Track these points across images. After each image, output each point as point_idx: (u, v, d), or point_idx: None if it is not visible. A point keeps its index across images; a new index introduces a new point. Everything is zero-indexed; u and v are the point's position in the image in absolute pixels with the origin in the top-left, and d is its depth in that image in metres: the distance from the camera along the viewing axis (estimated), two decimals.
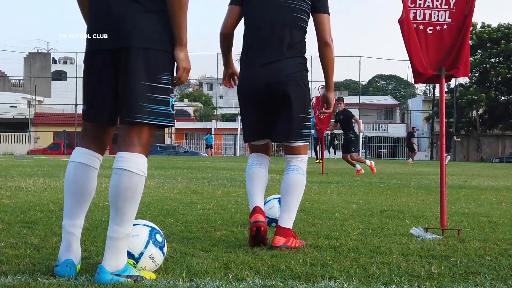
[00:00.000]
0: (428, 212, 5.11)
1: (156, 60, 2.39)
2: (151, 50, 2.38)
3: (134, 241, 2.52)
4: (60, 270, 2.40)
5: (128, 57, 2.36)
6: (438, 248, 3.24)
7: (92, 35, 2.47)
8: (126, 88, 2.37)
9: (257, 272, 2.58)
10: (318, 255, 2.97)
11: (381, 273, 2.59)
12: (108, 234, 2.36)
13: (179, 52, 2.43)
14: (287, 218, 3.23)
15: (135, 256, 2.52)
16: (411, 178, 11.56)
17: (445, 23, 3.77)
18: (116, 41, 2.38)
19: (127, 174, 2.33)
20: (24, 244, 3.15)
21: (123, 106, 2.39)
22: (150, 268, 2.55)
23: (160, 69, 2.40)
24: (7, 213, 4.46)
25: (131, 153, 2.37)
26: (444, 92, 3.81)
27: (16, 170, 11.84)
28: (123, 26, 2.37)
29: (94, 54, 2.47)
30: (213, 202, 5.68)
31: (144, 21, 2.38)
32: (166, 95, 2.42)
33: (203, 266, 2.66)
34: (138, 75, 2.35)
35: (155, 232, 2.63)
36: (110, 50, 2.41)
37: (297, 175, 3.33)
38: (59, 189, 6.96)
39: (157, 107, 2.39)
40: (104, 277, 2.31)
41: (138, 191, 2.37)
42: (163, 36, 2.42)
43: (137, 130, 2.39)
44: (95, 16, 2.48)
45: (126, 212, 2.35)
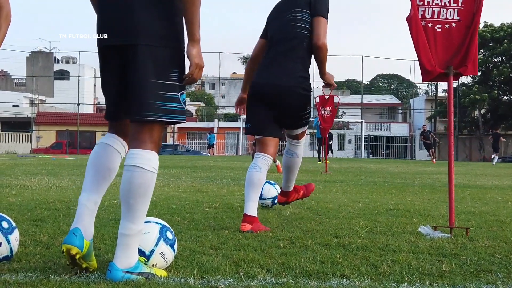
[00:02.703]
0: (434, 211, 5.11)
1: (165, 57, 2.38)
2: (159, 47, 2.37)
3: (145, 239, 2.52)
4: (66, 238, 2.33)
5: (136, 55, 2.35)
6: (447, 246, 3.23)
7: (100, 31, 2.46)
8: (135, 86, 2.37)
9: (267, 270, 2.58)
10: (328, 253, 2.97)
11: (392, 271, 2.58)
12: (119, 231, 2.35)
13: (192, 48, 2.41)
14: (287, 186, 4.36)
15: (146, 253, 2.52)
16: (415, 177, 11.54)
17: (454, 21, 3.76)
18: (123, 38, 2.37)
19: (139, 171, 2.33)
20: (33, 242, 3.15)
21: (133, 104, 2.38)
22: (161, 266, 2.54)
23: (169, 66, 2.39)
24: (14, 211, 4.46)
25: (143, 150, 2.37)
26: (453, 90, 3.80)
27: (20, 169, 11.86)
28: (130, 22, 2.36)
29: (103, 50, 2.47)
30: (218, 201, 5.68)
31: (152, 17, 2.37)
32: (176, 92, 2.41)
33: (213, 264, 2.65)
34: (146, 72, 2.34)
35: (165, 230, 2.63)
36: (118, 46, 2.40)
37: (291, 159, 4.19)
38: (64, 188, 6.97)
39: (167, 104, 2.38)
40: (116, 274, 2.31)
41: (150, 188, 2.37)
42: (171, 32, 2.41)
43: (148, 127, 2.39)
44: (103, 12, 2.47)
45: (138, 208, 2.34)
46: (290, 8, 3.79)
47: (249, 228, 3.63)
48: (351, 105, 46.95)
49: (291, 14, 3.76)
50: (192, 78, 2.43)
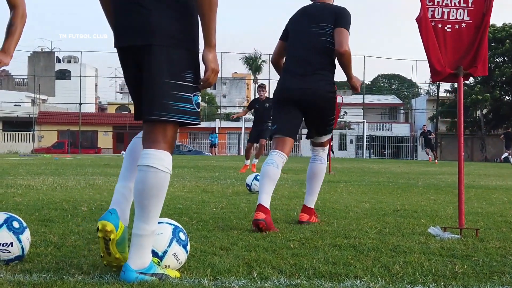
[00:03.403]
0: (442, 212, 5.10)
1: (179, 58, 2.38)
2: (174, 48, 2.37)
3: (158, 239, 2.51)
4: (102, 216, 2.37)
5: (151, 55, 2.36)
6: (458, 247, 3.22)
7: (116, 32, 2.47)
8: (149, 86, 2.37)
9: (280, 271, 2.57)
10: (339, 254, 2.96)
11: (405, 273, 2.58)
12: (133, 232, 2.35)
13: (208, 53, 2.42)
14: (311, 200, 4.21)
15: (159, 254, 2.52)
16: (418, 177, 11.53)
17: (464, 22, 3.75)
18: (139, 39, 2.38)
19: (153, 171, 2.33)
20: (43, 242, 3.15)
21: (147, 104, 2.39)
22: (174, 266, 2.54)
23: (183, 67, 2.39)
24: (22, 211, 4.46)
25: (157, 150, 2.37)
26: (462, 91, 3.79)
27: (23, 169, 11.86)
28: (145, 23, 2.37)
29: (120, 51, 2.49)
30: (225, 201, 5.67)
31: (167, 18, 2.37)
32: (190, 93, 2.41)
33: (225, 265, 2.65)
34: (161, 73, 2.35)
35: (178, 231, 2.62)
36: (133, 47, 2.41)
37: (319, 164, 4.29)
38: (69, 188, 6.97)
39: (182, 105, 2.38)
40: (130, 275, 2.30)
41: (164, 188, 2.37)
42: (186, 34, 2.41)
43: (162, 127, 2.39)
44: (118, 13, 2.47)
45: (152, 209, 2.34)
46: (318, 21, 4.01)
47: (263, 217, 3.69)
48: (353, 105, 46.90)
49: (320, 28, 3.99)
50: (208, 83, 2.44)
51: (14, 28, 2.96)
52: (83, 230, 3.59)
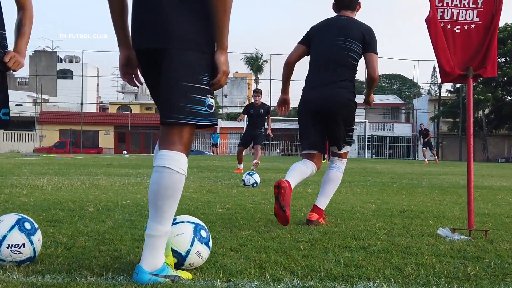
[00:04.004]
0: (448, 213, 5.09)
1: (196, 61, 2.40)
2: (191, 51, 2.38)
3: (179, 240, 2.54)
4: None
5: (168, 58, 2.37)
6: (468, 249, 3.21)
7: (134, 35, 2.48)
8: (166, 89, 2.39)
9: (292, 273, 2.57)
10: (350, 256, 2.96)
11: (417, 275, 2.57)
12: (147, 232, 2.35)
13: (220, 55, 2.44)
14: (323, 202, 4.26)
15: (182, 254, 2.54)
16: (422, 178, 11.53)
17: (473, 22, 3.74)
18: (157, 42, 2.39)
19: (168, 172, 2.34)
20: (53, 243, 3.15)
21: (165, 107, 2.40)
22: (197, 264, 2.58)
23: (199, 70, 2.40)
24: (29, 212, 4.45)
25: (172, 151, 2.37)
26: (471, 92, 3.78)
27: (27, 169, 11.86)
28: (163, 26, 2.38)
29: (139, 54, 2.51)
30: (230, 201, 5.67)
31: (186, 22, 2.38)
32: (204, 96, 2.42)
33: (237, 266, 2.64)
34: (179, 76, 2.36)
35: (199, 228, 2.65)
36: (151, 50, 2.42)
37: (336, 172, 4.40)
38: (74, 188, 6.97)
39: (198, 108, 2.39)
40: (143, 277, 2.30)
41: (178, 189, 2.37)
42: (202, 37, 2.42)
43: (178, 129, 2.40)
44: (136, 16, 2.48)
45: (166, 210, 2.34)
46: (343, 36, 4.18)
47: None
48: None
49: (345, 43, 4.16)
50: (219, 85, 2.46)
51: (25, 29, 2.96)
52: (91, 231, 3.59)
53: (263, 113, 11.62)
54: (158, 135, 2.53)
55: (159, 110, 2.45)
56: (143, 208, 4.95)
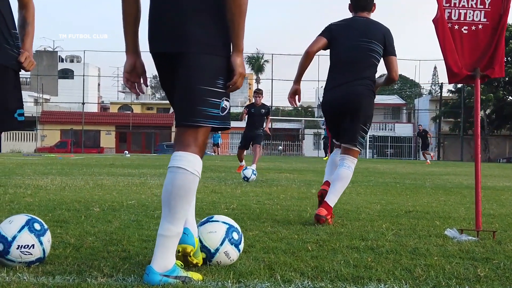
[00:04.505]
0: (454, 213, 5.08)
1: (212, 65, 2.42)
2: (207, 54, 2.41)
3: (211, 237, 2.66)
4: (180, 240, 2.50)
5: (185, 62, 2.40)
6: (477, 250, 3.21)
7: (151, 38, 2.50)
8: (183, 92, 2.41)
9: (301, 274, 2.57)
10: (358, 257, 2.95)
11: (428, 276, 2.57)
12: (159, 232, 2.35)
13: (236, 58, 2.47)
14: (332, 199, 4.27)
15: (211, 251, 2.64)
16: (424, 178, 11.52)
17: (481, 23, 3.73)
18: (173, 46, 2.42)
19: (182, 172, 2.35)
20: (61, 244, 3.14)
21: (181, 109, 2.43)
22: (225, 263, 2.66)
23: (215, 74, 2.43)
24: (34, 212, 4.45)
25: (187, 153, 2.39)
26: (479, 93, 3.78)
27: (30, 168, 11.87)
28: (180, 31, 2.41)
29: (155, 57, 2.53)
30: (235, 202, 5.66)
31: (203, 26, 2.41)
32: (220, 99, 2.45)
33: (247, 267, 2.64)
34: (195, 79, 2.39)
35: (232, 230, 2.72)
36: (168, 54, 2.45)
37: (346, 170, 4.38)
38: (78, 188, 6.97)
39: (212, 110, 2.42)
40: (153, 278, 2.30)
41: (192, 190, 2.38)
42: (218, 41, 2.44)
43: (193, 131, 2.42)
44: (153, 20, 2.51)
45: (179, 210, 2.35)
46: (366, 37, 4.35)
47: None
48: None
49: (368, 44, 4.34)
50: (236, 86, 2.49)
51: (30, 28, 2.95)
52: (99, 231, 3.58)
53: (263, 114, 11.63)
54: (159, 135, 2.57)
55: (175, 113, 2.47)
56: (149, 208, 4.95)
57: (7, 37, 2.68)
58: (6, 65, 2.68)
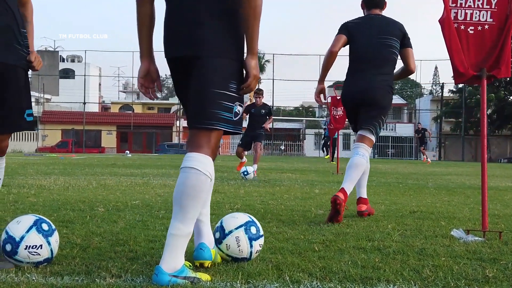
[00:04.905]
0: (458, 213, 5.08)
1: (226, 68, 2.45)
2: (220, 58, 2.44)
3: (230, 221, 2.80)
4: (196, 254, 2.63)
5: (199, 66, 2.43)
6: (484, 250, 3.20)
7: (166, 43, 2.53)
8: (196, 95, 2.44)
9: (309, 274, 2.56)
10: (366, 257, 2.95)
11: (436, 277, 2.56)
12: (169, 232, 2.36)
13: (251, 60, 2.50)
14: (348, 187, 4.39)
15: (225, 231, 2.76)
16: (426, 178, 11.51)
17: (487, 23, 3.73)
18: (188, 50, 2.45)
19: (194, 172, 2.37)
20: (68, 244, 3.14)
21: (194, 112, 2.45)
22: (233, 250, 2.74)
23: (228, 77, 2.46)
24: (39, 212, 4.44)
25: (199, 154, 2.41)
26: (485, 93, 3.77)
27: (32, 168, 11.87)
28: (195, 35, 2.44)
29: (170, 62, 2.56)
30: (239, 202, 5.66)
31: (218, 31, 2.44)
32: (232, 103, 2.47)
33: (254, 268, 2.63)
34: (209, 83, 2.41)
35: (251, 224, 2.82)
36: (182, 58, 2.48)
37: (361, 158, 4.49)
38: (81, 188, 6.97)
39: (226, 114, 2.44)
40: (162, 278, 2.29)
41: (203, 191, 2.39)
42: (231, 45, 2.47)
43: (206, 134, 2.45)
44: (168, 25, 2.53)
45: (190, 210, 2.36)
46: (385, 34, 4.53)
47: (365, 208, 4.56)
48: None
49: (386, 40, 4.52)
50: (250, 89, 2.52)
51: (31, 26, 2.95)
52: (104, 232, 3.58)
53: (264, 114, 11.63)
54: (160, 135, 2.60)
55: (189, 116, 2.49)
56: (153, 208, 4.95)
57: (17, 36, 2.68)
58: (18, 65, 2.68)
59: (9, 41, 2.63)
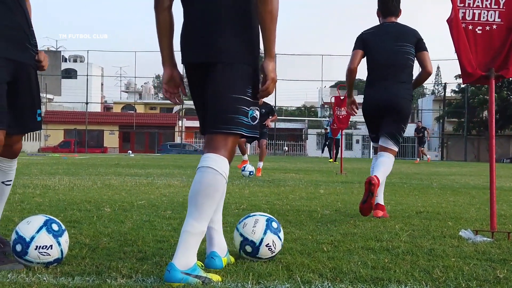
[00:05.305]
0: (465, 214, 5.07)
1: (243, 74, 2.48)
2: (237, 64, 2.47)
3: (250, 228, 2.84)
4: (207, 262, 2.64)
5: (217, 72, 2.46)
6: (493, 251, 3.19)
7: (184, 49, 2.56)
8: (215, 100, 2.46)
9: (320, 275, 2.56)
10: (375, 258, 2.94)
11: (447, 277, 2.55)
12: (183, 229, 2.37)
13: (268, 63, 2.51)
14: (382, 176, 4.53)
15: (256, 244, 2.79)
16: (430, 178, 11.49)
17: (495, 23, 3.72)
18: (206, 56, 2.47)
19: (210, 172, 2.39)
20: (77, 244, 3.14)
21: (212, 117, 2.48)
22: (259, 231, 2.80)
23: (245, 82, 2.49)
24: (46, 212, 4.43)
25: (216, 155, 2.44)
26: (493, 93, 3.76)
27: (36, 168, 11.88)
28: (212, 41, 2.46)
29: (187, 68, 2.58)
30: (245, 202, 5.66)
31: (235, 37, 2.47)
32: (248, 107, 2.50)
33: (264, 268, 2.63)
34: (226, 88, 2.45)
35: (272, 220, 2.90)
36: (199, 63, 2.51)
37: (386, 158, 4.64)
38: (86, 188, 6.97)
39: (242, 118, 2.47)
40: (175, 275, 2.29)
41: (219, 191, 2.41)
42: (247, 50, 2.50)
43: (223, 138, 2.48)
44: (186, 32, 2.55)
45: (205, 209, 2.37)
46: (400, 41, 4.67)
47: (381, 214, 4.66)
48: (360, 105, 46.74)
49: (403, 47, 4.66)
50: (267, 92, 2.54)
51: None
52: (112, 232, 3.58)
53: (265, 113, 11.64)
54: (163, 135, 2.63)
55: (206, 120, 2.51)
56: (159, 208, 4.95)
57: (28, 35, 2.68)
58: (29, 64, 2.68)
59: (21, 40, 2.63)
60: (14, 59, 2.58)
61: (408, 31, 4.73)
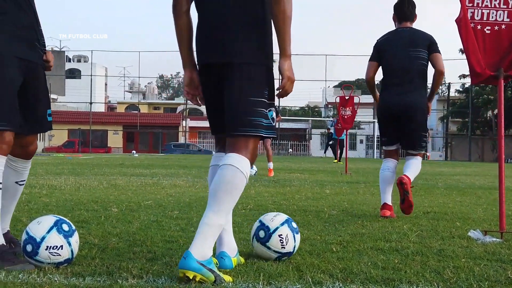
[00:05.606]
0: (472, 214, 5.06)
1: (259, 75, 2.50)
2: (254, 66, 2.48)
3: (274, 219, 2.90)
4: (218, 261, 2.63)
5: (233, 73, 2.47)
6: (503, 252, 3.18)
7: (200, 50, 2.57)
8: (234, 104, 2.48)
9: (330, 275, 2.55)
10: (385, 258, 2.93)
11: (458, 278, 2.54)
12: (202, 221, 2.39)
13: (284, 62, 2.51)
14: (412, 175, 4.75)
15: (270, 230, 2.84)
16: (436, 178, 11.47)
17: (504, 23, 3.70)
18: (221, 57, 2.48)
19: (232, 169, 2.41)
20: (86, 244, 3.14)
21: (231, 120, 2.49)
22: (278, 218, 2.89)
23: (262, 84, 2.50)
24: (53, 212, 4.44)
25: (238, 154, 2.46)
26: (502, 93, 3.75)
27: (42, 168, 11.90)
28: (228, 42, 2.47)
29: (202, 69, 2.59)
30: (251, 202, 5.65)
31: (250, 38, 2.48)
32: (266, 109, 2.52)
33: (275, 269, 2.63)
34: (243, 90, 2.46)
35: (291, 221, 2.94)
36: (215, 64, 2.51)
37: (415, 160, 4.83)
38: (92, 188, 6.98)
39: (261, 120, 2.49)
40: (190, 263, 2.30)
41: (238, 189, 2.43)
42: (262, 51, 2.51)
43: (245, 140, 2.50)
44: (201, 32, 2.57)
45: (224, 203, 2.40)
46: (414, 46, 4.74)
47: (389, 214, 4.70)
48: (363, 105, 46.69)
49: (416, 52, 4.73)
50: (284, 91, 2.54)
51: None
52: (121, 232, 3.58)
53: None
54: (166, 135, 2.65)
55: (226, 123, 2.51)
56: (166, 209, 4.95)
57: (38, 35, 2.68)
58: (39, 63, 2.68)
59: (32, 39, 2.64)
60: (26, 58, 2.59)
61: (421, 36, 4.80)
